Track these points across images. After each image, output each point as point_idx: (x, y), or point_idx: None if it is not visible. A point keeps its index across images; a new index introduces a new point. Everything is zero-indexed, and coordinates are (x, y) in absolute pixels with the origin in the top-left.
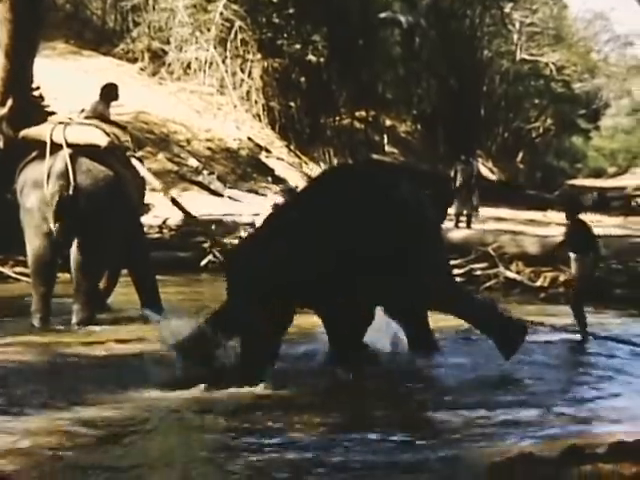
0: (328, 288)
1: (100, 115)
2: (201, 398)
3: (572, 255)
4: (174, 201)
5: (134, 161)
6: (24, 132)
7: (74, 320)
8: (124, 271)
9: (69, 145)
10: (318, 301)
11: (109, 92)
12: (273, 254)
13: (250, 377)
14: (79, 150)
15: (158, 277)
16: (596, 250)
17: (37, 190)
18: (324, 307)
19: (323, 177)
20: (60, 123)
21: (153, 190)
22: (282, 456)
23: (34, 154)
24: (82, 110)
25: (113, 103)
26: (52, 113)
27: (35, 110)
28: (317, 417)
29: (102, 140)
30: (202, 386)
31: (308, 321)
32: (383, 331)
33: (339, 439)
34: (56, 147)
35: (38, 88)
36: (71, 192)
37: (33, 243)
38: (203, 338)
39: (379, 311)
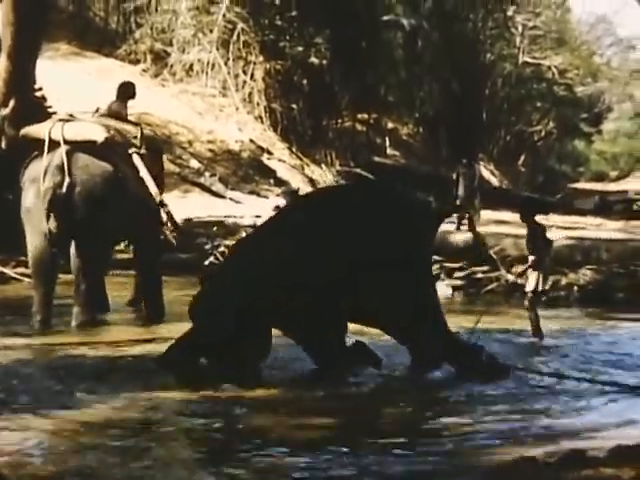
0: (333, 293)
1: (115, 113)
2: (202, 398)
3: (530, 257)
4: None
5: (135, 159)
6: (24, 130)
7: (74, 322)
8: (127, 271)
9: (67, 142)
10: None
11: (125, 90)
12: (277, 253)
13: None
14: (78, 147)
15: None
16: (550, 253)
17: (35, 188)
18: (303, 324)
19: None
20: (60, 120)
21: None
22: (283, 460)
23: (36, 153)
24: (97, 110)
25: None
26: (54, 114)
27: (38, 111)
28: (317, 420)
29: (100, 136)
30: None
31: None
32: None
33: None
34: (56, 145)
35: (41, 89)
36: (64, 189)
37: (32, 243)
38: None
39: None
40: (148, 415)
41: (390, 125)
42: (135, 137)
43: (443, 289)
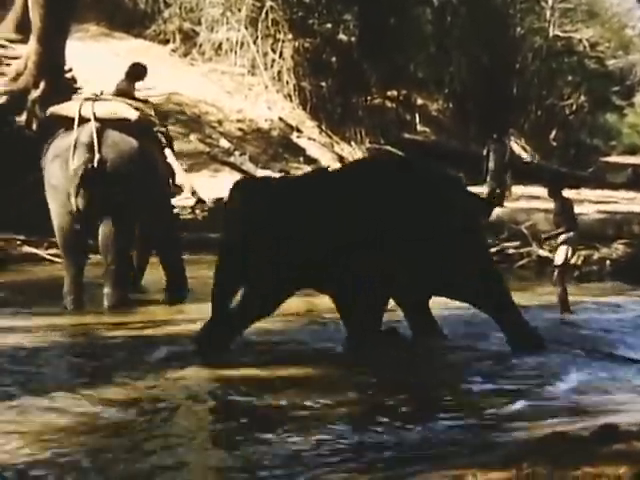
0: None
1: (123, 93)
2: (227, 378)
3: (559, 232)
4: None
5: (161, 138)
6: (52, 109)
7: (106, 302)
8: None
9: (98, 119)
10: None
11: (135, 71)
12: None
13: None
14: (107, 124)
15: (191, 257)
16: (576, 228)
17: (62, 165)
18: (338, 289)
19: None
20: (87, 99)
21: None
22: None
23: (60, 131)
24: (101, 92)
25: (146, 85)
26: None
27: (67, 93)
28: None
29: (132, 114)
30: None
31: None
32: None
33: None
34: (83, 122)
35: (70, 71)
36: (95, 164)
37: (59, 221)
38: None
39: None
40: (176, 394)
41: (420, 101)
42: (151, 115)
43: None
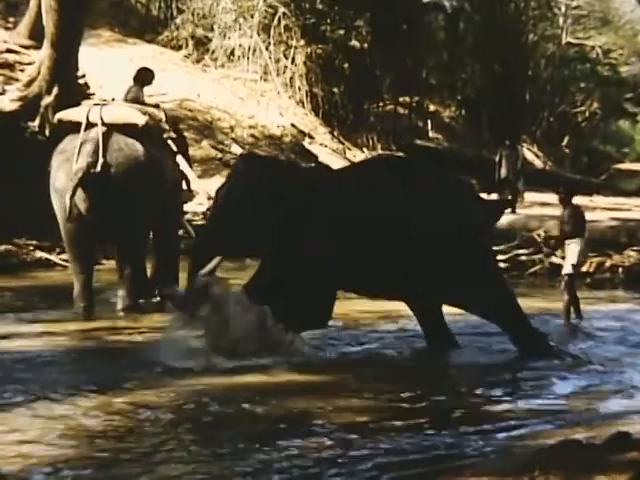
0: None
1: (132, 99)
2: (244, 384)
3: (567, 240)
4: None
5: (171, 144)
6: (60, 114)
7: (119, 306)
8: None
9: (106, 125)
10: None
11: (143, 76)
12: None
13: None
14: (114, 129)
15: None
16: (585, 235)
17: (66, 168)
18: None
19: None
20: (96, 105)
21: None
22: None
23: (68, 136)
24: (112, 99)
25: (158, 91)
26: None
27: (80, 98)
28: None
29: (140, 119)
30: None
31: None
32: None
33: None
34: (91, 127)
35: (83, 76)
36: (99, 169)
37: (65, 226)
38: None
39: None
40: (193, 399)
41: (432, 108)
42: (161, 120)
43: None
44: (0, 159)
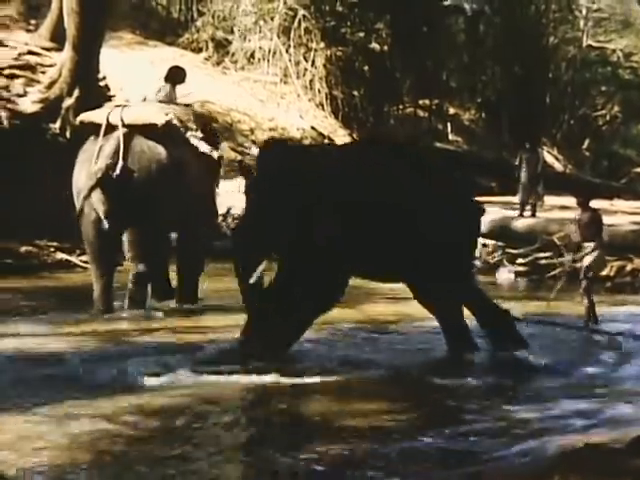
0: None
1: (164, 98)
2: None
3: (585, 244)
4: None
5: (193, 140)
6: (82, 116)
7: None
8: None
9: (126, 126)
10: None
11: (174, 75)
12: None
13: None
14: (136, 132)
15: (221, 266)
16: (602, 239)
17: (87, 170)
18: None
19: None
20: (117, 106)
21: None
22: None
23: (91, 137)
24: (144, 99)
25: (181, 92)
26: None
27: (101, 100)
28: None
29: (160, 119)
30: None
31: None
32: None
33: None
34: (113, 129)
35: (104, 78)
36: (119, 171)
37: (86, 228)
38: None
39: None
40: (203, 401)
41: (452, 110)
42: (189, 120)
43: (505, 275)
44: (21, 160)
